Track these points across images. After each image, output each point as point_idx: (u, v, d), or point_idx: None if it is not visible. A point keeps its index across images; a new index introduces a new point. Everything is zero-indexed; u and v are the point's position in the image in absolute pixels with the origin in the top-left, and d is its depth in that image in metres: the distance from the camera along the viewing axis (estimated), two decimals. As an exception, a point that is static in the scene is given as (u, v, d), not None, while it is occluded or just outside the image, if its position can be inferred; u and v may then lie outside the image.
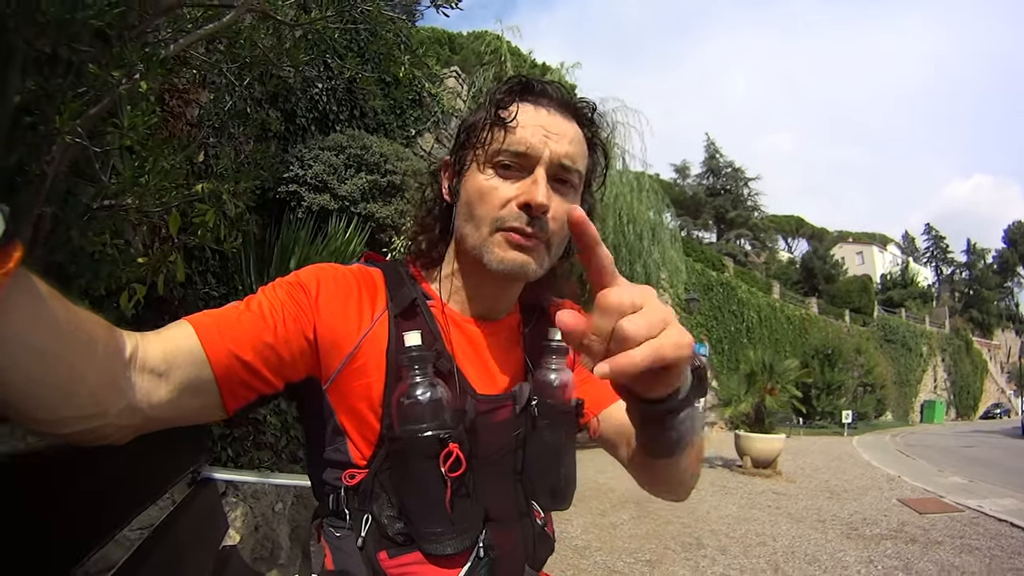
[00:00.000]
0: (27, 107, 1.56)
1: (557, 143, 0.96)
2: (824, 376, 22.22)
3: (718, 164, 53.81)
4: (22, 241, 0.50)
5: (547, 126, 0.96)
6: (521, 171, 0.96)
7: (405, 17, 3.63)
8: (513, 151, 0.95)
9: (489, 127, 0.97)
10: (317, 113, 6.02)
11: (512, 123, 0.95)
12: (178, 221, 2.42)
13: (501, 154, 0.96)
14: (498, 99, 0.99)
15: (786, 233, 60.71)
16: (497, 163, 0.97)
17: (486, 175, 0.97)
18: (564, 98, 1.02)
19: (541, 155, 0.95)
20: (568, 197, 0.99)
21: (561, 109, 1.00)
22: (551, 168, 0.96)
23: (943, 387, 40.69)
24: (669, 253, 11.31)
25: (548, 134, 0.96)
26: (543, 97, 1.00)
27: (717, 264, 25.73)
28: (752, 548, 5.19)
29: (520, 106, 0.97)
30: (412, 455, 0.90)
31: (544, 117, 0.97)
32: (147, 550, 1.18)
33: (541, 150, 0.95)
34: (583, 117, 1.03)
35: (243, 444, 3.86)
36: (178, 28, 2.07)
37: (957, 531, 5.92)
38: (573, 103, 1.03)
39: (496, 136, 0.96)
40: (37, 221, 1.67)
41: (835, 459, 12.77)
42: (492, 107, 0.98)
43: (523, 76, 1.03)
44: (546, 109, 0.99)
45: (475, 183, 0.98)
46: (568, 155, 0.97)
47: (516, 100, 0.98)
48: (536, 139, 0.95)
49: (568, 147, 0.97)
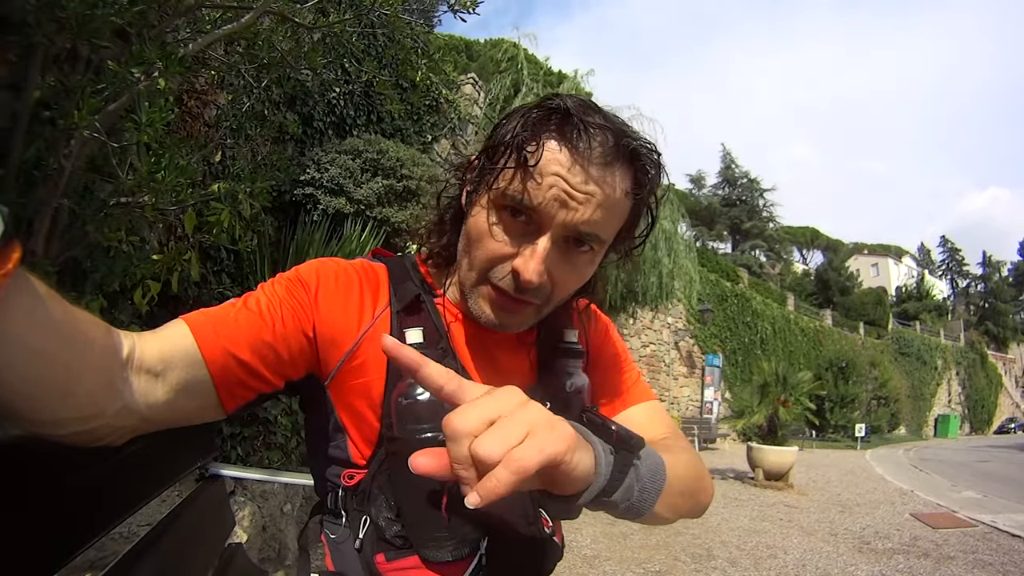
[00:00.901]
0: (46, 102, 1.58)
1: (578, 208, 0.81)
2: (838, 389, 22.04)
3: (733, 174, 53.63)
4: (22, 241, 0.50)
5: (572, 185, 0.80)
6: (528, 227, 0.84)
7: (423, 22, 3.64)
8: (524, 204, 0.82)
9: (507, 161, 0.83)
10: (334, 117, 6.05)
11: (532, 168, 0.80)
12: (194, 219, 2.44)
13: (511, 200, 0.83)
14: (525, 132, 0.82)
15: (801, 244, 60.36)
16: (505, 207, 0.85)
17: (491, 215, 0.86)
18: (614, 143, 0.81)
19: (553, 219, 0.82)
20: (582, 260, 0.88)
21: (605, 159, 0.81)
22: (563, 232, 0.84)
23: (957, 401, 40.20)
24: (683, 263, 11.23)
25: (570, 196, 0.80)
26: (582, 141, 0.80)
27: (732, 275, 25.59)
28: (763, 561, 5.14)
29: (549, 147, 0.81)
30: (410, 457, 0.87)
31: (574, 172, 0.80)
32: (151, 542, 1.17)
33: (554, 213, 0.81)
34: (637, 168, 0.85)
35: (253, 444, 3.87)
36: (197, 29, 2.09)
37: (970, 546, 5.83)
38: (626, 150, 0.83)
39: (512, 176, 0.82)
40: (54, 215, 1.68)
41: (848, 472, 12.64)
42: (518, 136, 0.82)
43: (566, 102, 0.83)
44: (582, 160, 0.80)
45: (478, 219, 0.88)
46: (590, 222, 0.82)
47: (547, 136, 0.82)
48: (552, 198, 0.81)
49: (593, 213, 0.82)
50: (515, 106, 0.97)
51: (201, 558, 1.58)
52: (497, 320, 0.91)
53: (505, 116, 0.90)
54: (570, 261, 0.87)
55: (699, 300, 18.73)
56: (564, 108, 0.82)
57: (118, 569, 1.02)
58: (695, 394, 20.54)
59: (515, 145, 0.82)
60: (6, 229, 0.46)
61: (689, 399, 20.21)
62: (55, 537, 0.80)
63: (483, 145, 0.92)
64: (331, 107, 6.00)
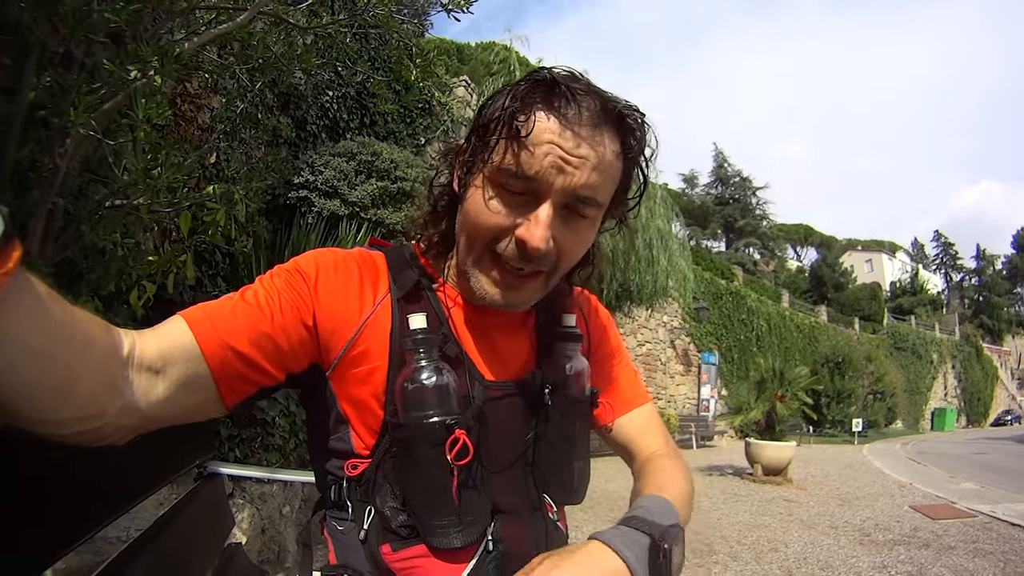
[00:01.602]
0: (41, 103, 1.58)
1: (575, 172, 0.82)
2: (834, 384, 22.06)
3: (726, 173, 53.74)
4: (21, 241, 0.50)
5: (567, 150, 0.81)
6: (527, 197, 0.85)
7: (416, 22, 3.65)
8: (520, 175, 0.82)
9: (499, 135, 0.84)
10: (328, 120, 6.06)
11: (525, 139, 0.81)
12: (189, 221, 2.44)
13: (507, 174, 0.83)
14: (514, 105, 0.83)
15: (795, 242, 60.47)
16: (502, 183, 0.85)
17: (488, 192, 0.86)
18: (601, 107, 0.83)
19: (552, 185, 0.82)
20: (582, 226, 0.89)
21: (594, 123, 0.82)
22: (563, 198, 0.84)
23: (953, 394, 40.29)
24: (678, 262, 11.26)
25: (566, 160, 0.81)
26: (571, 107, 0.82)
27: (726, 273, 25.64)
28: (764, 554, 5.14)
29: (540, 118, 0.82)
30: (417, 443, 0.86)
31: (566, 137, 0.81)
32: (149, 540, 1.17)
33: (552, 179, 0.82)
34: (625, 129, 0.87)
35: (251, 445, 3.87)
36: (191, 30, 2.09)
37: (970, 536, 5.84)
38: (613, 113, 0.85)
39: (506, 150, 0.83)
40: (49, 216, 1.68)
41: (846, 467, 12.65)
42: (508, 109, 0.84)
43: (550, 73, 0.85)
44: (572, 126, 0.81)
45: (476, 198, 0.88)
46: (587, 185, 0.83)
47: (536, 108, 0.82)
48: (549, 165, 0.81)
49: (588, 176, 0.83)
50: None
51: (201, 556, 1.58)
52: (502, 299, 0.91)
53: (490, 96, 0.90)
54: (571, 226, 0.87)
55: (694, 298, 18.79)
56: (550, 79, 0.84)
57: (118, 563, 1.01)
58: (692, 392, 20.56)
59: (506, 119, 0.83)
60: (6, 229, 0.46)
61: (686, 397, 20.24)
62: (54, 529, 0.80)
63: (471, 126, 0.93)
64: (324, 110, 6.00)
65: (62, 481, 0.81)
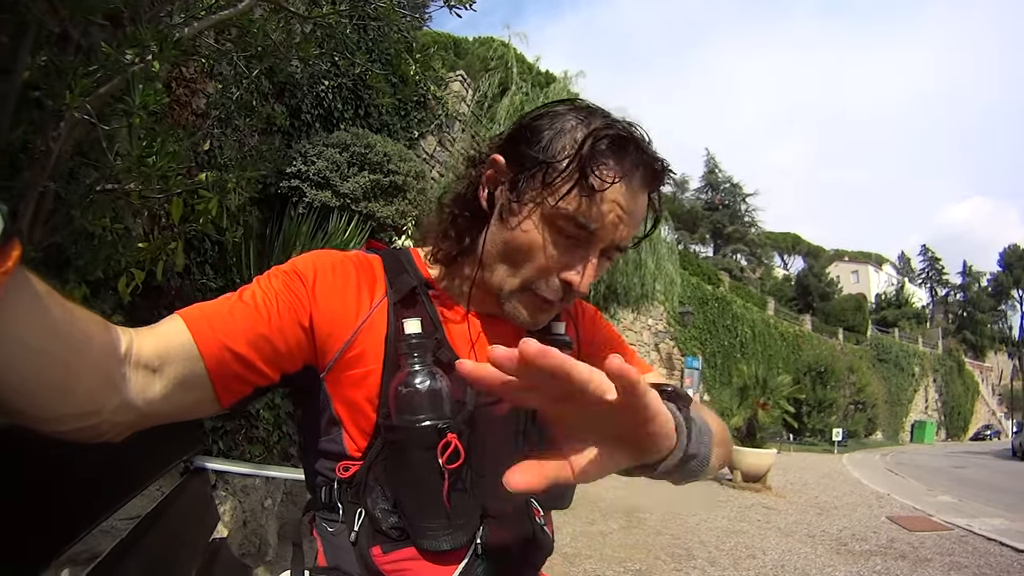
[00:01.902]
0: (35, 84, 1.56)
1: (625, 228, 0.90)
2: (816, 393, 22.24)
3: (717, 179, 54.09)
4: (20, 238, 0.50)
5: (626, 206, 0.88)
6: (580, 240, 0.89)
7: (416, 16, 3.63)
8: (584, 225, 0.87)
9: (570, 181, 0.86)
10: (322, 110, 6.01)
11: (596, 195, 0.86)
12: (180, 208, 2.41)
13: (569, 219, 0.87)
14: (593, 158, 0.85)
15: (782, 250, 60.90)
16: (559, 223, 0.88)
17: (542, 228, 0.90)
18: (656, 168, 0.90)
19: (607, 238, 0.89)
20: (607, 263, 0.96)
21: (646, 183, 0.90)
22: (608, 246, 0.91)
23: (934, 407, 40.79)
24: (665, 266, 11.31)
25: (623, 216, 0.88)
26: (637, 172, 0.88)
27: (713, 278, 25.75)
28: (742, 561, 5.18)
29: (610, 174, 0.86)
30: (409, 446, 0.88)
31: (626, 193, 0.87)
32: (137, 537, 1.16)
33: (610, 233, 0.89)
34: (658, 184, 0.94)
35: (235, 438, 3.84)
36: (191, 15, 2.06)
37: (946, 549, 5.92)
38: (660, 175, 0.92)
39: (575, 196, 0.86)
40: (39, 199, 1.66)
41: (825, 476, 12.77)
42: (584, 159, 0.85)
43: (628, 130, 0.89)
44: (632, 187, 0.88)
45: (528, 231, 0.90)
46: (627, 238, 0.91)
47: (609, 162, 0.86)
48: (611, 222, 0.88)
49: (631, 229, 0.91)
50: (538, 106, 1.00)
51: (189, 551, 1.57)
52: (532, 319, 0.97)
53: (536, 118, 0.94)
54: (600, 267, 0.93)
55: (680, 302, 18.87)
56: (625, 132, 0.88)
57: (109, 561, 1.01)
58: (674, 396, 20.63)
59: (578, 168, 0.85)
60: (6, 227, 0.46)
61: (668, 401, 20.31)
62: (44, 532, 0.79)
63: (510, 147, 0.95)
64: (319, 100, 5.96)
65: (53, 482, 0.81)
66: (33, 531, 0.75)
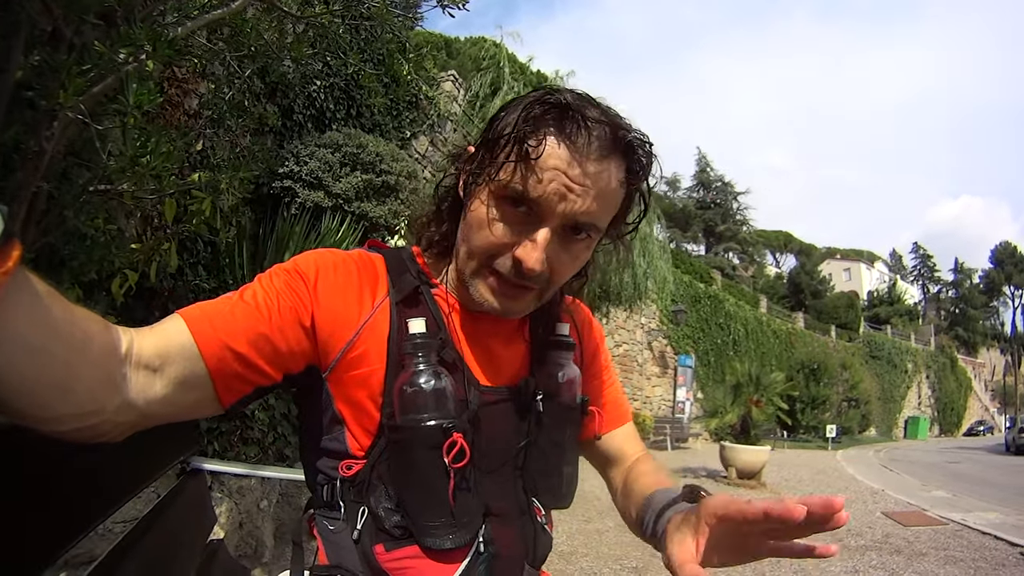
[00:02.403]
0: (28, 83, 1.55)
1: (576, 199, 0.84)
2: (809, 390, 22.33)
3: (708, 178, 54.09)
4: (21, 239, 0.50)
5: (571, 177, 0.82)
6: (529, 217, 0.86)
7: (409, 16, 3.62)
8: (524, 197, 0.84)
9: (508, 154, 0.84)
10: (314, 110, 6.00)
11: (533, 162, 0.82)
12: (174, 209, 2.40)
13: (512, 193, 0.85)
14: (526, 127, 0.83)
15: (774, 248, 61.07)
16: (506, 198, 0.86)
17: (491, 205, 0.87)
18: (611, 136, 0.84)
19: (553, 210, 0.84)
20: (578, 248, 0.91)
21: (602, 152, 0.83)
22: (562, 222, 0.86)
23: (927, 404, 40.97)
24: (657, 264, 11.34)
25: (569, 189, 0.83)
26: (581, 135, 0.82)
27: (705, 277, 25.82)
28: (737, 557, 5.18)
29: (549, 143, 0.82)
30: (414, 445, 0.88)
31: (572, 164, 0.82)
32: (135, 539, 1.15)
33: (554, 205, 0.84)
34: (632, 158, 0.88)
35: (230, 439, 3.83)
36: (183, 14, 2.06)
37: (941, 543, 5.93)
38: (623, 142, 0.85)
39: (514, 169, 0.84)
40: (32, 199, 1.65)
41: (819, 472, 12.81)
42: (519, 130, 0.83)
43: (565, 97, 0.84)
44: (580, 154, 0.82)
45: (479, 209, 0.89)
46: (587, 212, 0.85)
47: (547, 131, 0.83)
48: (553, 192, 0.83)
49: (590, 204, 0.84)
50: (509, 100, 0.99)
51: (186, 553, 1.56)
52: (499, 306, 0.92)
53: (503, 108, 0.92)
54: (568, 249, 0.89)
55: (672, 301, 18.94)
56: (564, 103, 0.84)
57: (108, 563, 1.00)
58: (667, 394, 20.72)
59: (516, 139, 0.83)
60: (6, 227, 0.46)
61: (661, 399, 20.38)
62: (41, 534, 0.79)
63: (481, 136, 0.93)
64: (311, 100, 5.94)
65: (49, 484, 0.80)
66: (29, 534, 0.75)
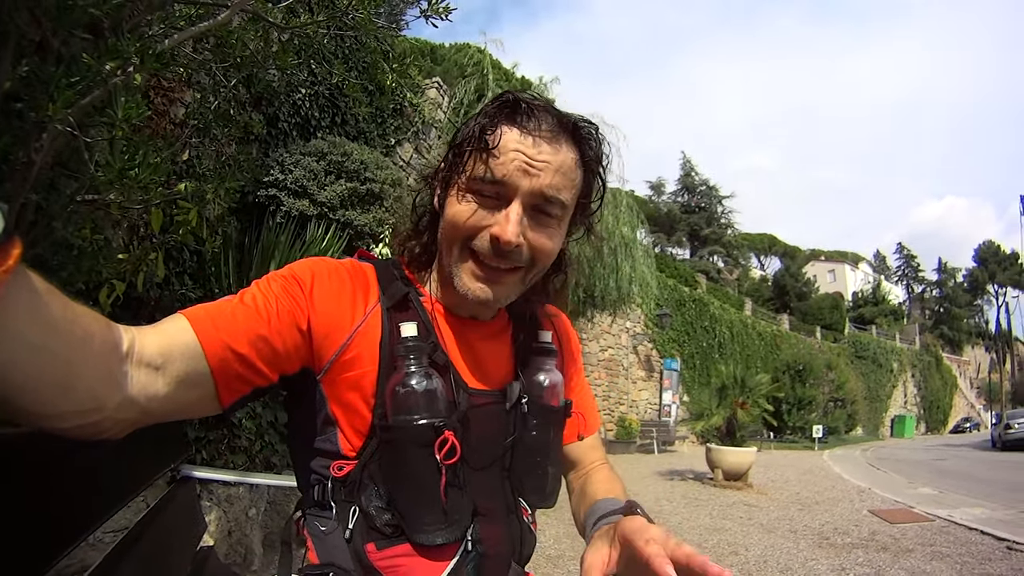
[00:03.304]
0: (16, 94, 1.56)
1: (539, 174, 0.92)
2: (795, 391, 22.43)
3: (693, 182, 54.40)
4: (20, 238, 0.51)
5: (530, 156, 0.92)
6: (499, 200, 0.94)
7: (392, 25, 3.64)
8: (490, 180, 0.92)
9: (471, 151, 0.94)
10: (299, 118, 6.00)
11: (493, 149, 0.92)
12: (160, 219, 2.40)
13: (480, 181, 0.93)
14: (483, 122, 0.95)
15: (759, 251, 61.44)
16: (476, 189, 0.94)
17: (464, 200, 0.95)
18: (557, 121, 0.96)
19: (519, 187, 0.92)
20: (551, 226, 0.98)
21: (553, 133, 0.94)
22: (530, 199, 0.93)
23: (913, 402, 41.26)
24: (641, 269, 11.38)
25: (530, 164, 0.92)
26: (531, 120, 0.94)
27: (690, 280, 25.94)
28: (724, 557, 5.21)
29: (505, 130, 0.93)
30: (406, 444, 0.91)
31: (529, 145, 0.92)
32: (126, 547, 1.16)
33: (519, 182, 0.92)
34: (581, 139, 0.98)
35: (218, 447, 3.82)
36: (170, 24, 2.07)
37: (927, 539, 5.96)
38: (569, 125, 0.97)
39: (477, 161, 0.93)
40: (20, 210, 1.65)
41: (806, 472, 12.85)
42: (477, 128, 0.95)
43: (513, 94, 0.97)
44: (533, 136, 0.93)
45: (453, 207, 0.96)
46: (551, 186, 0.93)
47: (501, 123, 0.94)
48: (515, 169, 0.91)
49: (552, 178, 0.93)
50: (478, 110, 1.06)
51: (177, 559, 1.57)
52: (483, 293, 0.97)
53: (464, 122, 1.02)
54: (541, 226, 0.96)
55: (657, 305, 19.02)
56: (512, 99, 0.96)
57: (101, 569, 1.01)
58: (653, 397, 20.79)
59: (476, 135, 0.94)
60: (6, 226, 0.47)
61: (648, 402, 20.45)
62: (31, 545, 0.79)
63: (448, 147, 1.02)
64: (296, 108, 5.95)
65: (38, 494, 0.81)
66: (20, 543, 0.76)
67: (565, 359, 1.22)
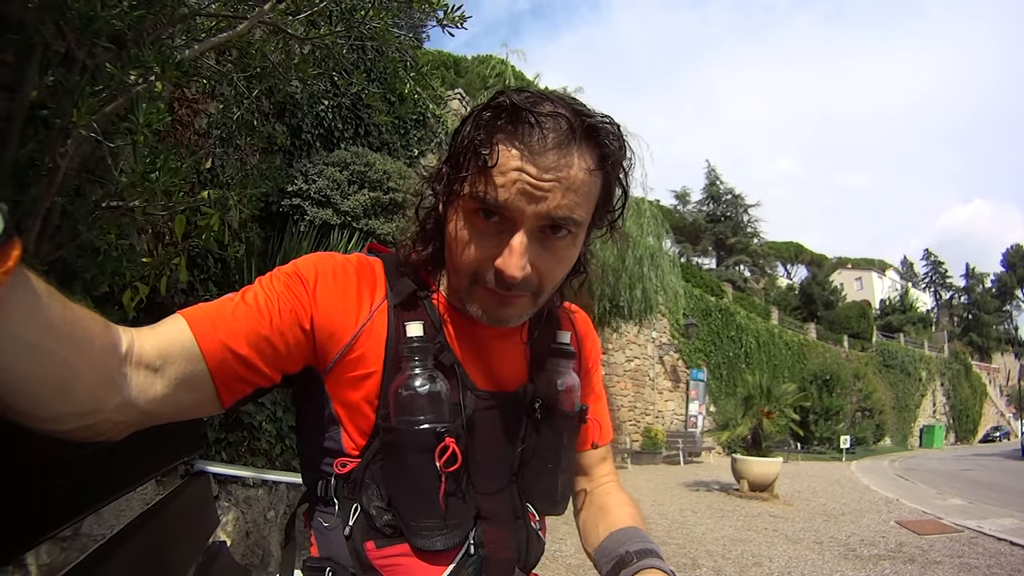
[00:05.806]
0: (42, 103, 1.61)
1: (545, 197, 0.82)
2: (822, 401, 22.14)
3: (718, 191, 53.92)
4: (21, 238, 0.51)
5: (534, 176, 0.81)
6: (502, 224, 0.85)
7: (411, 36, 3.70)
8: (492, 203, 0.83)
9: (467, 166, 0.85)
10: (322, 129, 6.08)
11: (492, 168, 0.82)
12: (183, 225, 2.46)
13: (479, 204, 0.84)
14: (479, 136, 0.84)
15: (785, 259, 60.70)
16: (477, 209, 0.85)
17: (465, 222, 0.88)
18: (567, 125, 0.82)
19: (524, 213, 0.83)
20: (562, 245, 0.89)
21: (561, 142, 0.81)
22: (537, 223, 0.84)
23: (942, 411, 40.46)
24: (668, 278, 11.33)
25: (534, 187, 0.81)
26: (534, 133, 0.81)
27: (716, 290, 25.74)
28: (748, 569, 5.15)
29: (503, 145, 0.82)
30: (407, 447, 0.89)
31: (531, 163, 0.81)
32: (132, 533, 1.16)
33: (523, 207, 0.82)
34: (598, 141, 0.85)
35: (237, 450, 3.87)
36: (192, 36, 2.13)
37: (956, 551, 5.85)
38: (580, 128, 0.83)
39: (475, 180, 0.84)
40: (46, 214, 1.71)
41: (833, 483, 12.66)
42: (472, 140, 0.84)
43: (510, 98, 0.83)
44: (537, 152, 0.81)
45: (454, 227, 0.90)
46: (560, 207, 0.83)
47: (500, 136, 0.83)
48: (517, 193, 0.82)
49: (560, 199, 0.82)
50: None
51: (185, 551, 1.58)
52: (493, 318, 0.93)
53: (461, 122, 0.91)
54: (550, 249, 0.88)
55: (683, 315, 18.85)
56: (510, 104, 0.83)
57: (100, 555, 1.02)
58: (680, 408, 20.61)
59: (471, 150, 0.84)
60: (6, 227, 0.47)
61: (674, 413, 20.28)
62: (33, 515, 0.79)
63: (446, 154, 0.93)
64: (319, 119, 6.03)
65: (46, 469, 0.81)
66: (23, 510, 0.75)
67: (583, 362, 1.17)
